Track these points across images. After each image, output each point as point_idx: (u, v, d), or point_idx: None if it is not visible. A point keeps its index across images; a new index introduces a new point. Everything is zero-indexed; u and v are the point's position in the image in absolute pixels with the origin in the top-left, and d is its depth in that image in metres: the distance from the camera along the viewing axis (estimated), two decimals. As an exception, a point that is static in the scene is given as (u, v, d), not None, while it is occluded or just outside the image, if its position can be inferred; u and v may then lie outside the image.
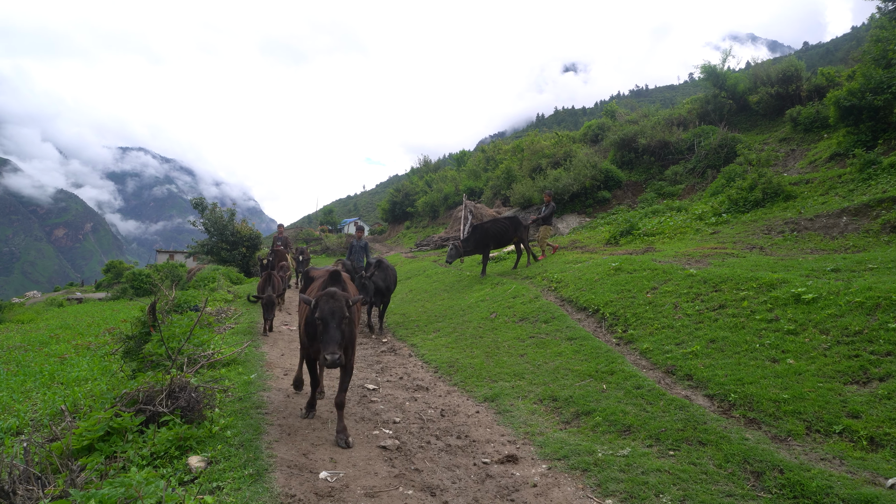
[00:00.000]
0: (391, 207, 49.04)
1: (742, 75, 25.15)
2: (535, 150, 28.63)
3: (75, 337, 15.29)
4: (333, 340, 4.65)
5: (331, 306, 4.76)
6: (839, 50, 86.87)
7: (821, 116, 18.93)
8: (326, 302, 4.80)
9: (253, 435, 5.04)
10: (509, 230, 14.15)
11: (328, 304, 4.78)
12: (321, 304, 4.79)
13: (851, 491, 3.69)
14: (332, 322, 4.70)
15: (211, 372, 7.29)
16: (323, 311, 4.74)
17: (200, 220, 25.73)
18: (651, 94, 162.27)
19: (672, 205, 18.25)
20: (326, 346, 4.64)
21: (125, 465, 4.28)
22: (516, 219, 14.28)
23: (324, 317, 4.72)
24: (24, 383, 9.50)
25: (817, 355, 5.64)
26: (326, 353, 4.57)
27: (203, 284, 18.96)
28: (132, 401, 5.18)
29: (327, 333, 4.68)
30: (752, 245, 11.17)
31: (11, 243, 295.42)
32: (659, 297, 8.47)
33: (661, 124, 24.37)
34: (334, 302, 4.78)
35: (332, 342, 4.64)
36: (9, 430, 6.50)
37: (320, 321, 4.73)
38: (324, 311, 4.74)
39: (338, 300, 4.80)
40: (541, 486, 4.40)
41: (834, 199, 12.33)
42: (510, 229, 14.14)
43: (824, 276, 7.55)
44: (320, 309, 4.76)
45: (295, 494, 4.00)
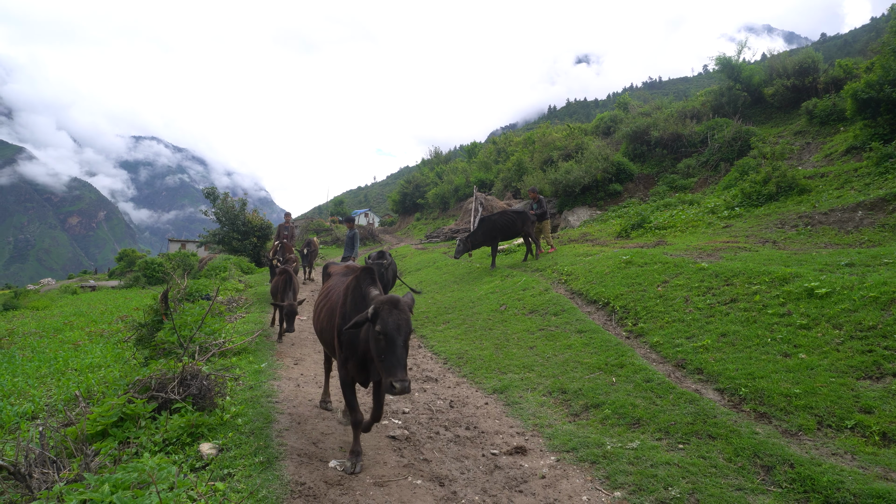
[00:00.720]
0: (402, 199, 49.02)
1: (757, 67, 24.81)
2: (547, 143, 28.49)
3: (89, 324, 15.48)
4: (402, 363, 3.66)
5: (396, 319, 3.72)
6: (857, 41, 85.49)
7: (837, 109, 18.65)
8: (390, 312, 3.74)
9: (263, 423, 5.08)
10: (517, 223, 14.11)
11: (393, 315, 3.72)
12: (383, 314, 3.74)
13: (863, 486, 3.67)
14: (399, 339, 3.69)
15: (222, 360, 7.35)
16: (387, 325, 3.69)
17: (212, 210, 25.83)
18: (665, 86, 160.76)
19: (684, 198, 18.10)
20: (393, 369, 3.63)
21: (138, 450, 4.34)
22: (524, 212, 14.23)
23: (388, 332, 3.68)
24: (39, 369, 9.64)
25: (830, 350, 5.59)
26: (394, 378, 3.59)
27: (214, 274, 19.10)
28: (145, 388, 5.25)
29: (393, 354, 3.66)
30: (764, 239, 11.07)
31: (27, 230, 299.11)
32: (670, 290, 8.42)
33: (674, 117, 24.14)
34: (400, 313, 3.75)
35: (400, 365, 3.64)
36: (25, 414, 6.60)
37: (383, 337, 3.69)
38: (388, 324, 3.69)
39: (403, 310, 3.79)
40: (549, 478, 4.41)
41: (849, 193, 12.17)
42: (518, 222, 14.10)
43: (838, 271, 7.47)
44: (383, 321, 3.71)
45: (305, 483, 4.03)
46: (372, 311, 3.80)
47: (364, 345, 4.11)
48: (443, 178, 42.91)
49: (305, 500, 3.83)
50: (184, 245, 52.23)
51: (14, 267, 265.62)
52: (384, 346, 3.70)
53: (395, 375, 3.61)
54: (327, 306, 4.92)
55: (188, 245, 52.24)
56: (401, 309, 3.78)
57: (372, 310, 3.80)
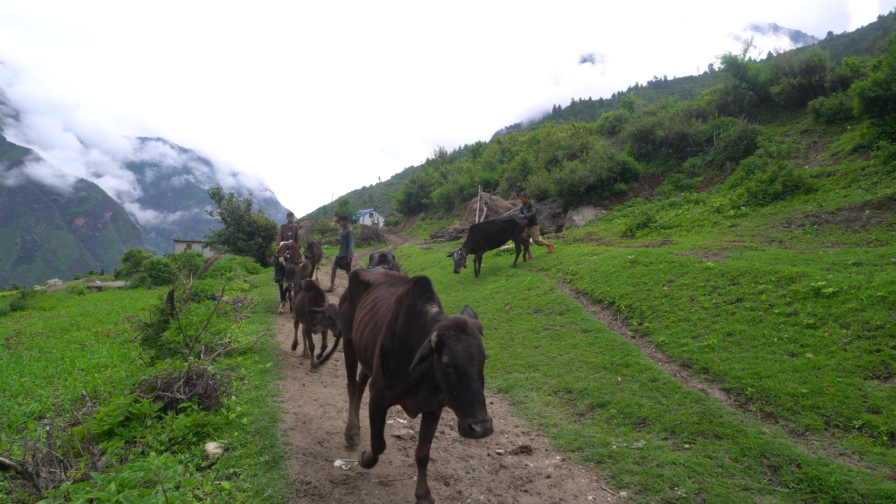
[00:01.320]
0: (406, 199, 49.07)
1: (763, 66, 24.69)
2: (552, 142, 28.44)
3: (95, 324, 15.56)
4: (479, 399, 2.94)
5: (466, 347, 3.02)
6: (864, 40, 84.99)
7: (844, 108, 18.54)
8: (458, 339, 3.04)
9: (269, 422, 5.09)
10: (507, 231, 14.11)
11: (462, 342, 3.03)
12: (451, 343, 3.02)
13: (871, 486, 3.64)
14: (472, 370, 2.98)
15: (227, 360, 7.37)
16: (456, 355, 2.98)
17: (217, 210, 25.93)
18: (670, 85, 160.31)
19: (690, 197, 18.04)
20: (469, 408, 2.92)
21: (144, 450, 4.35)
22: (513, 220, 14.24)
23: (459, 363, 2.97)
24: (47, 369, 9.69)
25: (837, 350, 5.56)
26: (473, 419, 2.88)
27: (220, 274, 19.13)
28: (151, 387, 5.26)
29: (468, 389, 2.95)
30: (771, 238, 11.02)
31: (34, 231, 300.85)
32: (675, 289, 8.40)
33: (679, 116, 24.06)
34: (470, 339, 3.06)
35: (478, 403, 2.93)
36: (32, 414, 6.64)
37: (453, 370, 2.99)
38: (457, 354, 2.98)
39: (473, 335, 3.10)
40: (554, 478, 4.40)
41: (856, 192, 12.10)
42: (507, 231, 14.11)
43: (845, 270, 7.43)
44: (451, 351, 3.00)
45: (310, 482, 4.04)
46: (436, 339, 3.07)
47: (422, 373, 3.39)
48: (447, 178, 42.93)
49: (311, 499, 3.83)
50: (189, 245, 52.45)
51: (21, 268, 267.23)
52: (455, 380, 2.99)
53: (473, 415, 2.89)
54: (373, 321, 4.09)
55: (194, 245, 52.44)
56: (470, 333, 3.08)
57: (435, 338, 3.07)
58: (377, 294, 4.37)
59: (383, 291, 4.34)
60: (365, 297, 4.51)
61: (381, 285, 4.49)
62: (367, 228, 41.36)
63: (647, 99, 34.32)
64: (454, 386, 3.02)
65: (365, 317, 4.26)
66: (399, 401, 3.77)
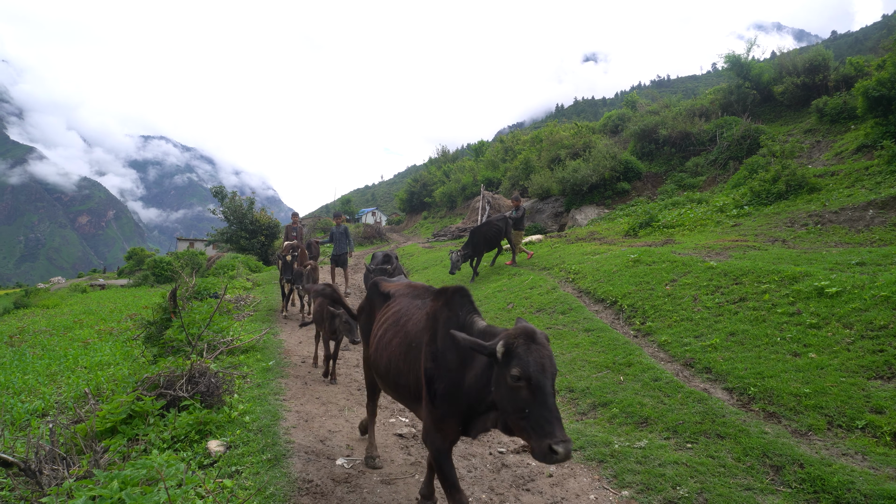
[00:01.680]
0: (409, 197, 49.06)
1: (767, 65, 24.61)
2: (554, 141, 28.39)
3: (98, 322, 15.59)
4: (556, 416, 2.53)
5: (538, 357, 2.60)
6: (868, 39, 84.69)
7: (848, 107, 18.47)
8: (529, 349, 2.62)
9: (271, 421, 5.10)
10: (503, 230, 14.10)
11: (534, 352, 2.61)
12: (521, 353, 2.61)
13: (874, 486, 3.64)
14: (547, 384, 2.56)
15: (230, 358, 7.38)
16: (528, 367, 2.56)
17: (220, 209, 25.98)
18: (673, 84, 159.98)
19: (692, 197, 18.00)
20: (546, 428, 2.48)
21: (147, 447, 4.36)
22: (506, 217, 14.24)
23: (532, 376, 2.55)
24: (50, 367, 9.72)
25: (840, 350, 5.55)
26: (552, 439, 2.44)
27: (222, 272, 19.17)
28: (153, 385, 5.27)
29: (544, 406, 2.53)
30: (774, 238, 11.00)
31: (37, 229, 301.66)
32: (678, 289, 8.38)
33: (682, 115, 24.00)
34: (541, 348, 2.64)
35: (555, 420, 2.51)
36: (35, 411, 6.66)
37: (524, 383, 2.56)
38: (530, 365, 2.57)
39: (544, 344, 2.68)
40: (556, 477, 4.40)
41: (860, 191, 12.06)
42: (503, 229, 14.10)
43: (849, 270, 7.41)
44: (522, 362, 2.58)
45: (312, 480, 4.04)
46: (502, 349, 2.64)
47: (476, 393, 2.94)
48: (450, 177, 42.91)
49: (313, 497, 3.84)
50: (192, 244, 52.55)
51: (25, 265, 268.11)
52: (527, 396, 2.56)
53: (551, 436, 2.45)
54: (399, 338, 3.64)
55: (196, 244, 52.55)
56: (540, 343, 2.67)
57: (502, 347, 2.64)
58: (399, 307, 3.91)
59: (407, 304, 3.89)
60: (384, 310, 4.09)
61: (403, 297, 4.04)
62: (369, 227, 41.34)
63: (650, 98, 34.26)
64: (525, 403, 2.56)
65: (387, 333, 3.80)
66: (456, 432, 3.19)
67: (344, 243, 13.77)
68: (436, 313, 3.33)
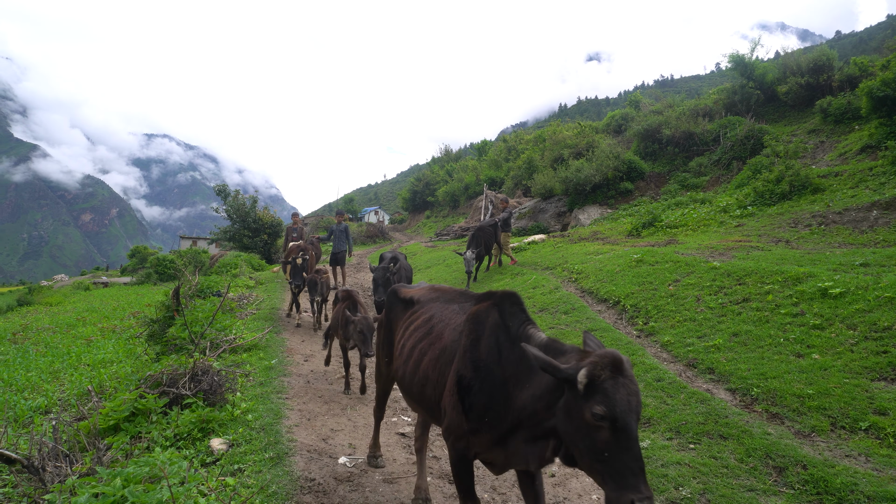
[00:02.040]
0: (411, 196, 49.08)
1: (771, 65, 24.55)
2: (558, 141, 28.37)
3: (101, 320, 15.62)
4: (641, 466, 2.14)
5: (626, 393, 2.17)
6: (873, 39, 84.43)
7: (852, 107, 18.42)
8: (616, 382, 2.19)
9: (273, 419, 5.11)
10: (497, 233, 14.10)
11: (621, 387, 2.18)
12: (607, 386, 2.18)
13: (877, 488, 3.62)
14: (634, 425, 2.16)
15: (233, 356, 7.39)
16: (615, 405, 2.14)
17: (223, 207, 25.99)
18: (677, 84, 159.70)
19: (696, 197, 17.97)
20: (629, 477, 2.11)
21: (149, 445, 4.37)
22: (496, 222, 14.24)
23: (619, 416, 2.13)
24: (53, 364, 9.73)
25: (844, 351, 5.53)
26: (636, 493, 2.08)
27: (225, 270, 19.18)
28: (156, 383, 5.28)
29: (628, 451, 2.13)
30: (777, 238, 10.97)
31: (40, 227, 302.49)
32: (681, 289, 8.37)
33: (686, 115, 23.95)
34: (629, 382, 2.21)
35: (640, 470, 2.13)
36: (38, 408, 6.67)
37: (608, 424, 2.14)
38: (617, 403, 2.14)
39: (631, 377, 2.24)
40: (559, 477, 4.39)
41: (864, 192, 12.02)
42: (497, 233, 14.10)
43: (852, 271, 7.39)
44: (608, 398, 2.15)
45: (315, 479, 4.05)
46: (585, 379, 2.19)
47: (532, 416, 2.56)
48: (453, 176, 42.93)
49: (315, 495, 3.84)
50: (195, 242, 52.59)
51: (28, 263, 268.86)
52: (609, 439, 2.15)
53: (635, 490, 2.07)
54: (434, 346, 3.27)
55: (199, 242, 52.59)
56: (629, 376, 2.23)
57: (585, 377, 2.19)
58: (431, 313, 3.54)
59: (439, 309, 3.52)
60: (410, 317, 3.71)
61: (433, 302, 3.67)
62: (372, 226, 41.37)
63: (653, 98, 34.19)
64: (606, 446, 2.15)
65: (419, 342, 3.40)
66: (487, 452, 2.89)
67: (343, 242, 13.74)
68: (479, 317, 2.99)
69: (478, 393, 2.78)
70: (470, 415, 2.81)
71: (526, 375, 2.64)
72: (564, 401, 2.33)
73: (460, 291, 3.67)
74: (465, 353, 2.91)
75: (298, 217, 15.73)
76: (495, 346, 2.82)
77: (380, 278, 8.81)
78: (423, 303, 3.73)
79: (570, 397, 2.28)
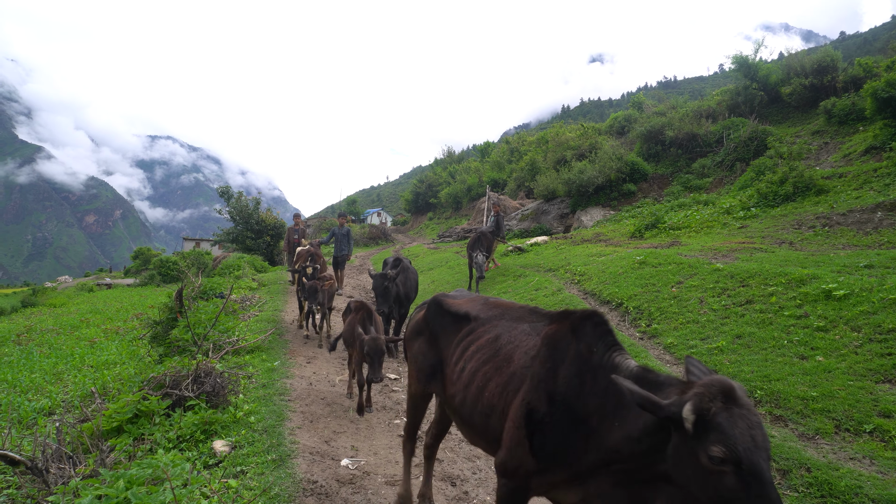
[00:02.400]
0: (414, 198, 49.09)
1: (775, 66, 24.52)
2: (560, 142, 28.37)
3: (105, 321, 15.67)
4: None
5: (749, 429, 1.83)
6: (877, 40, 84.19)
7: (857, 108, 18.37)
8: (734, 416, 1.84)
9: (276, 421, 5.11)
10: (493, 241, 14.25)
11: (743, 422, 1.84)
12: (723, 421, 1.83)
13: (882, 491, 3.61)
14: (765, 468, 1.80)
15: (235, 358, 7.40)
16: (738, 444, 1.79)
17: (226, 209, 26.06)
18: (680, 85, 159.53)
19: (699, 198, 17.94)
20: None
21: (152, 447, 4.37)
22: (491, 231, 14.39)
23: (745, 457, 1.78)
24: (56, 365, 9.76)
25: (848, 353, 5.51)
26: None
27: (228, 272, 19.21)
28: (159, 385, 5.29)
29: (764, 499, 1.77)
30: (781, 240, 10.94)
31: (45, 229, 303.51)
32: (684, 291, 8.35)
33: (689, 116, 23.93)
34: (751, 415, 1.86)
35: None
36: (42, 410, 6.69)
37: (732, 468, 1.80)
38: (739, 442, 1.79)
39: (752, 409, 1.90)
40: None
41: (868, 193, 11.98)
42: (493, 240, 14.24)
43: (857, 273, 7.36)
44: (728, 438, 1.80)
45: (317, 481, 4.04)
46: (692, 415, 1.84)
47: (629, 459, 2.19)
48: (455, 178, 42.92)
49: (317, 498, 3.84)
50: (198, 243, 52.69)
51: (32, 264, 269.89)
52: (735, 485, 1.79)
53: None
54: (499, 372, 2.84)
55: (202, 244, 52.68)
56: (745, 405, 1.87)
57: (692, 413, 1.84)
58: (496, 332, 3.07)
59: (506, 329, 3.04)
60: (468, 336, 3.22)
61: (497, 319, 3.17)
62: (374, 228, 41.36)
63: (656, 99, 34.17)
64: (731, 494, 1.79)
65: (482, 365, 2.96)
66: (552, 494, 2.60)
67: (345, 245, 13.73)
68: (556, 341, 2.61)
69: (552, 432, 2.41)
70: (539, 455, 2.46)
71: (615, 411, 2.25)
72: (675, 443, 1.95)
73: (529, 309, 3.16)
74: (539, 384, 2.54)
75: (300, 218, 15.68)
76: (576, 377, 2.43)
77: (378, 287, 8.23)
78: (483, 320, 3.24)
79: (679, 439, 1.92)
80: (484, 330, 3.14)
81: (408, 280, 8.94)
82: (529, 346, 2.79)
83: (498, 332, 3.04)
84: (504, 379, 2.79)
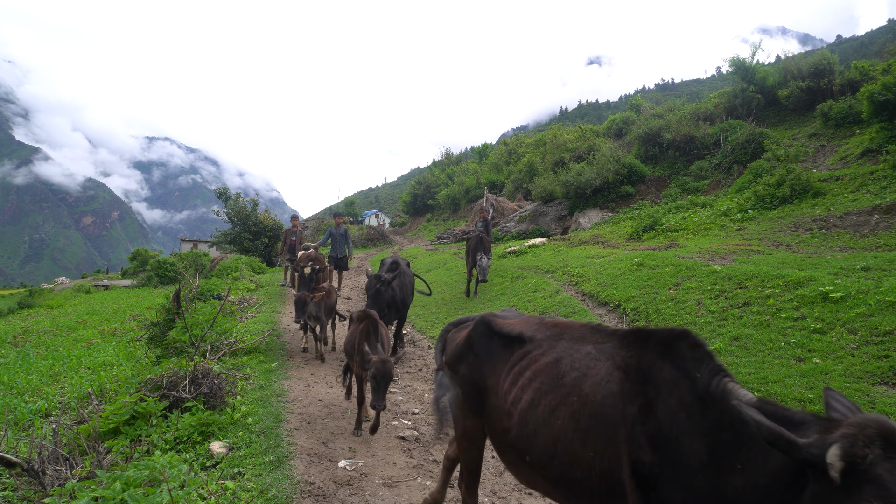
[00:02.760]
0: (412, 200, 49.07)
1: (772, 69, 24.59)
2: (558, 144, 28.40)
3: (102, 323, 15.63)
4: None
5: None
6: (874, 43, 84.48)
7: (853, 111, 18.44)
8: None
9: (273, 422, 5.10)
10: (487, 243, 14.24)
11: None
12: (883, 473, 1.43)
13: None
14: None
15: (233, 359, 7.39)
16: None
17: (224, 210, 26.06)
18: (677, 87, 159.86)
19: (696, 200, 17.98)
20: None
21: (149, 448, 4.36)
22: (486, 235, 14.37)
23: None
24: (53, 367, 9.73)
25: (845, 355, 5.52)
26: None
27: (226, 273, 19.20)
28: (156, 386, 5.28)
29: None
30: (778, 242, 10.97)
31: (41, 230, 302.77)
32: (682, 293, 8.36)
33: (686, 119, 23.97)
34: None
35: None
36: (38, 411, 6.67)
37: None
38: None
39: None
40: None
41: (865, 196, 12.03)
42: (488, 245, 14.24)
43: (853, 275, 7.38)
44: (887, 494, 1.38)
45: (314, 482, 4.04)
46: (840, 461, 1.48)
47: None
48: (453, 180, 42.91)
49: (315, 499, 3.84)
50: (196, 245, 52.59)
51: (29, 266, 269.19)
52: None
53: None
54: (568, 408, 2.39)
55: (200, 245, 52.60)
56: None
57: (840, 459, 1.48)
58: (555, 356, 2.62)
59: (568, 351, 2.60)
60: (521, 361, 2.76)
61: (555, 340, 2.73)
62: (372, 229, 41.33)
63: (654, 101, 34.23)
64: None
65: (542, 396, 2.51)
66: None
67: (343, 246, 13.58)
68: (642, 371, 2.20)
69: (667, 483, 1.99)
70: None
71: (728, 450, 1.88)
72: (811, 495, 1.59)
73: (591, 326, 2.71)
74: (636, 427, 2.09)
75: (298, 219, 15.59)
76: (681, 410, 2.02)
77: (370, 288, 7.83)
78: (537, 341, 2.79)
79: (820, 489, 1.55)
80: (541, 353, 2.70)
81: (404, 285, 8.69)
82: (599, 374, 2.36)
83: (558, 356, 2.61)
84: (566, 410, 2.38)
